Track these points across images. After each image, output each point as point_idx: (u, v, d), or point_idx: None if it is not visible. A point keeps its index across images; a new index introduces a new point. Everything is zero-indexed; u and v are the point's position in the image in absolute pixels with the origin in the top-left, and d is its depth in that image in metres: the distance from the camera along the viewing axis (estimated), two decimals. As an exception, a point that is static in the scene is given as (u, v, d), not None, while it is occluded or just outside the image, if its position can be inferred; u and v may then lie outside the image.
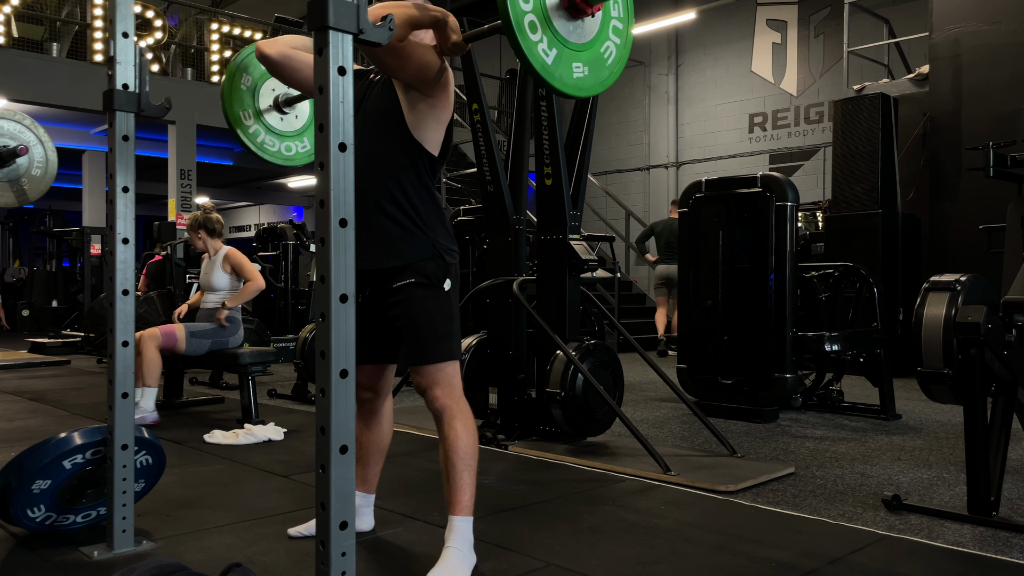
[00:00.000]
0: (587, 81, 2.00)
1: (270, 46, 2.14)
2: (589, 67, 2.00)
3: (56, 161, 4.80)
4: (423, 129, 2.21)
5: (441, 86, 2.17)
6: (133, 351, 2.34)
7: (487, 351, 4.29)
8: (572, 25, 1.94)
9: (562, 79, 1.93)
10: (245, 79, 3.06)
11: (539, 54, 1.86)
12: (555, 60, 1.90)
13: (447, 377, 2.22)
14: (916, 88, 7.95)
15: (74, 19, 10.10)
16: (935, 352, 2.73)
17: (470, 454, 2.17)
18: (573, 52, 1.95)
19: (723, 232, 4.90)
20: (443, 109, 2.22)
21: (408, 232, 2.22)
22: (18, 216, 17.41)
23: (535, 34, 1.84)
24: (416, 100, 2.18)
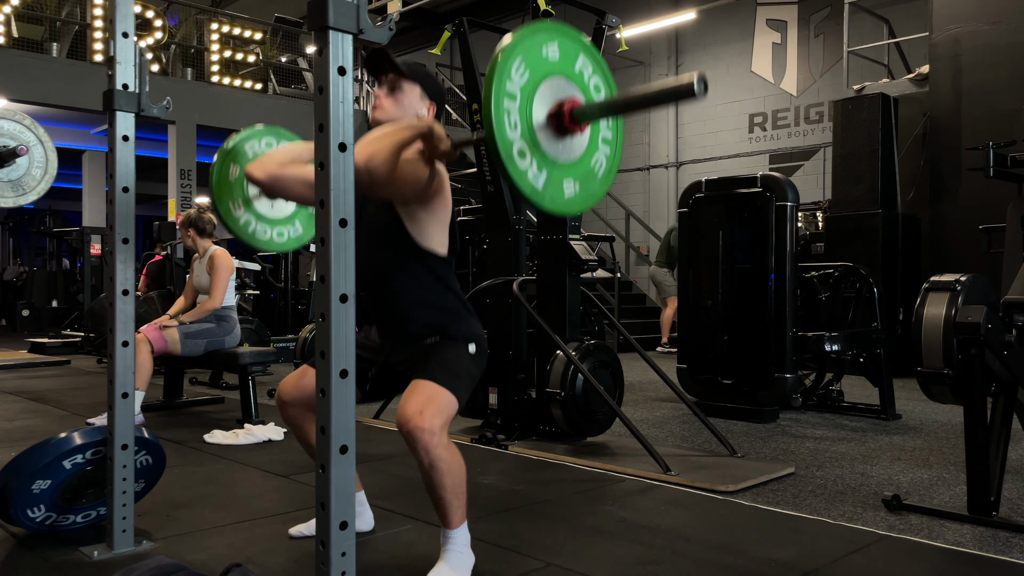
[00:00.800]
0: (578, 197, 1.96)
1: (258, 169, 2.09)
2: (580, 182, 1.96)
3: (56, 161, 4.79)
4: (427, 235, 2.18)
5: (436, 192, 2.14)
6: (133, 351, 2.34)
7: (487, 351, 4.28)
8: (560, 144, 1.90)
9: (553, 200, 1.89)
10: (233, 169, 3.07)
11: (529, 181, 1.82)
12: (545, 182, 1.86)
13: (442, 406, 2.03)
14: (916, 88, 7.95)
15: (74, 19, 10.10)
16: (935, 352, 2.73)
17: (457, 484, 2.06)
18: (563, 171, 1.91)
19: (723, 232, 4.90)
20: (443, 211, 2.19)
21: (432, 324, 2.20)
22: (18, 216, 17.41)
23: (524, 160, 1.80)
24: (415, 211, 2.15)
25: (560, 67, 1.90)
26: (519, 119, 1.79)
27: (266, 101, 11.25)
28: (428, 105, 2.24)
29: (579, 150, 1.95)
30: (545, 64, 1.87)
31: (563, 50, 1.91)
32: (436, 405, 2.01)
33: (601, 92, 2.00)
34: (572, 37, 1.94)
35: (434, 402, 2.02)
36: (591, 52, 1.98)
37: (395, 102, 2.21)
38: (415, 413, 1.97)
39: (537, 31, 1.87)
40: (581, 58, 1.95)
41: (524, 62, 1.81)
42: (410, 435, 1.97)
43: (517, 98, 1.79)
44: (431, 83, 2.27)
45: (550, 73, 1.87)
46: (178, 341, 4.56)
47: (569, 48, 1.93)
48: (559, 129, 1.88)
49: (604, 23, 4.19)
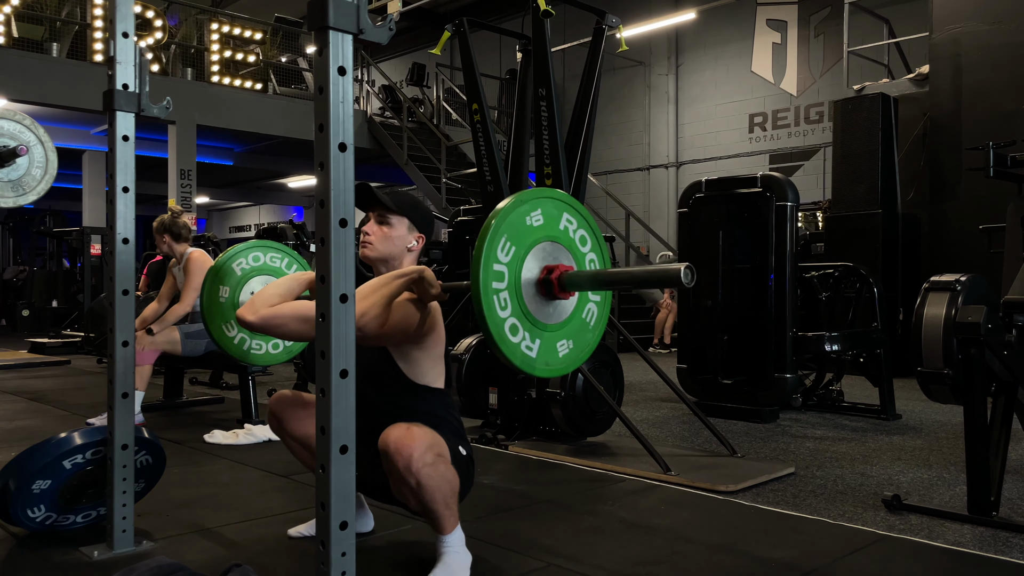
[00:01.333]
0: (573, 353, 1.97)
1: (250, 313, 2.07)
2: (574, 339, 1.96)
3: (56, 161, 4.79)
4: (423, 372, 2.17)
5: (428, 331, 2.13)
6: (133, 351, 2.34)
7: (487, 351, 4.29)
8: (551, 308, 1.91)
9: (548, 364, 1.90)
10: (222, 292, 3.06)
11: (522, 353, 1.83)
12: (539, 350, 1.87)
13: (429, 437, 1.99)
14: (916, 88, 7.95)
15: (74, 19, 10.10)
16: (935, 352, 2.73)
17: (449, 494, 2.03)
18: (555, 333, 1.92)
19: (723, 232, 4.90)
20: (435, 346, 2.18)
21: None
22: (18, 216, 17.41)
23: (516, 336, 1.81)
24: (408, 350, 2.14)
25: (545, 231, 1.91)
26: (509, 298, 1.81)
27: (266, 101, 11.25)
28: (417, 237, 2.24)
29: (570, 307, 1.96)
30: (530, 233, 1.88)
31: (546, 214, 1.93)
32: (421, 433, 1.97)
33: (588, 244, 2.02)
34: (554, 197, 1.96)
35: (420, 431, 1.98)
36: (573, 207, 2.00)
37: (384, 237, 2.21)
38: (397, 437, 1.96)
39: (519, 203, 1.88)
40: (564, 216, 1.97)
41: (509, 240, 1.83)
42: (395, 455, 1.94)
43: (505, 277, 1.81)
44: (419, 214, 2.26)
45: (536, 241, 1.89)
46: (178, 342, 4.54)
47: (551, 210, 1.94)
48: (549, 296, 1.89)
49: (604, 23, 4.20)
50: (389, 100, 12.86)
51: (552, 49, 4.12)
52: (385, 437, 1.98)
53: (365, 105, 12.79)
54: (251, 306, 2.09)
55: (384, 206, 2.19)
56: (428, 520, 2.09)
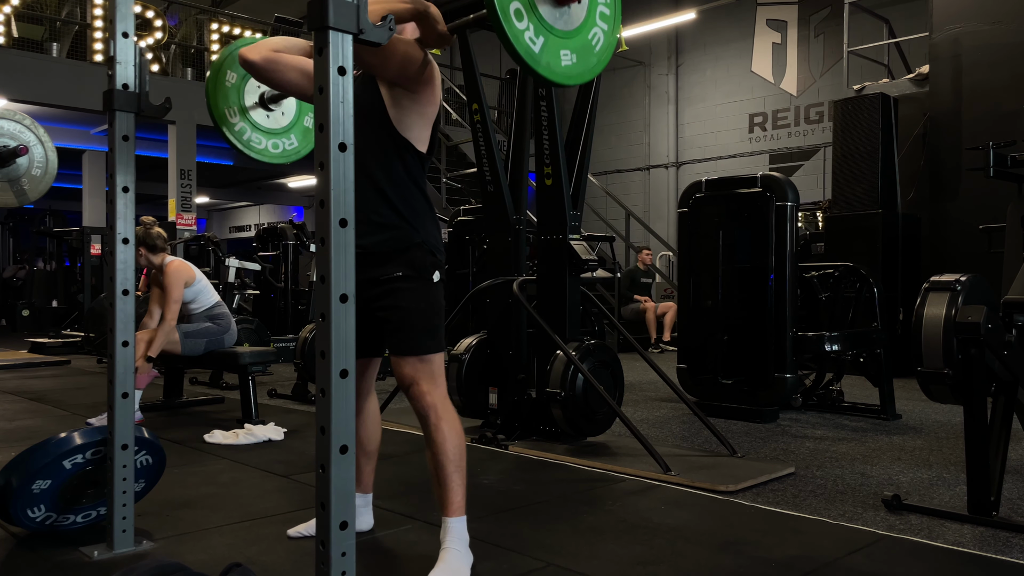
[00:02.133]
0: (575, 69, 1.96)
1: (253, 51, 2.09)
2: (577, 54, 1.96)
3: (56, 161, 4.79)
4: (408, 125, 2.17)
5: (425, 81, 2.13)
6: (133, 351, 2.34)
7: (487, 351, 4.29)
8: (558, 12, 1.91)
9: (550, 67, 1.90)
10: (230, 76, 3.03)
11: (526, 42, 1.82)
12: (542, 48, 1.87)
13: (433, 371, 2.18)
14: (916, 88, 7.95)
15: (74, 19, 10.10)
16: (935, 352, 2.73)
17: (459, 455, 2.15)
18: (560, 39, 1.91)
19: (723, 232, 4.90)
20: (428, 104, 2.18)
21: (395, 225, 2.19)
22: (18, 216, 17.42)
23: (521, 22, 1.81)
24: (399, 96, 2.14)
25: None
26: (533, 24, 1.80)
27: (266, 101, 11.23)
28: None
29: (577, 21, 1.95)
30: None
31: None
32: (431, 374, 2.17)
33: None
34: None
35: (428, 371, 2.16)
36: None
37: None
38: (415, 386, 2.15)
39: None
40: None
41: None
42: (425, 412, 2.15)
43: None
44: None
45: None
46: (178, 342, 4.54)
47: None
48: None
49: (604, 23, 4.19)
50: (389, 100, 12.85)
51: (552, 49, 4.11)
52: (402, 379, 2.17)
53: (365, 105, 12.77)
54: (256, 47, 2.11)
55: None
56: (437, 486, 2.14)
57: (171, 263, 4.58)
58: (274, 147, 3.35)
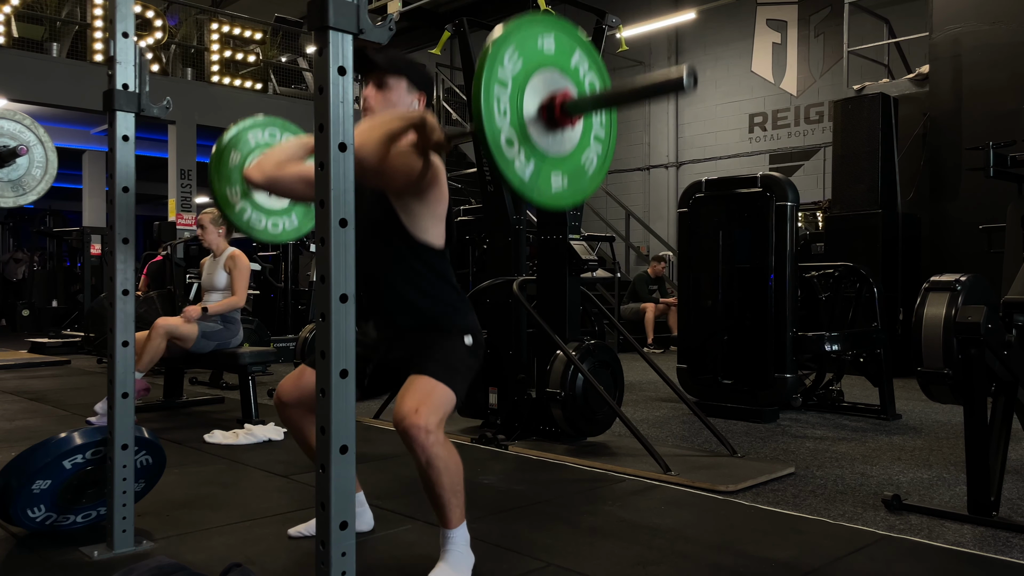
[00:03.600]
0: (566, 192, 1.92)
1: (256, 172, 2.10)
2: (569, 177, 1.92)
3: (56, 161, 4.78)
4: (422, 228, 2.18)
5: (430, 184, 2.13)
6: (133, 351, 2.34)
7: (487, 351, 4.28)
8: (551, 137, 1.86)
9: (540, 192, 1.85)
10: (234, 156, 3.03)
11: (516, 171, 1.78)
12: (532, 174, 1.82)
13: (439, 403, 2.03)
14: (916, 88, 7.95)
15: (74, 19, 10.10)
16: (935, 352, 2.73)
17: (455, 482, 2.05)
18: (552, 164, 1.87)
19: (723, 232, 4.90)
20: (438, 203, 2.18)
21: (429, 321, 2.20)
22: (18, 216, 17.41)
23: (511, 149, 1.76)
24: (409, 203, 2.15)
25: (555, 60, 1.87)
26: (509, 107, 1.76)
27: (266, 101, 11.25)
28: (417, 96, 2.23)
29: (570, 145, 1.92)
30: (539, 55, 1.83)
31: (559, 44, 1.88)
32: (432, 402, 2.01)
33: (597, 89, 1.97)
34: (569, 32, 1.92)
35: (430, 399, 2.01)
36: (588, 49, 1.96)
37: (384, 99, 2.20)
38: (411, 411, 1.97)
39: (534, 22, 1.84)
40: (577, 53, 1.92)
41: (518, 51, 1.77)
42: (406, 433, 1.97)
43: (508, 86, 1.76)
44: (416, 73, 2.24)
45: (544, 65, 1.84)
46: (192, 338, 4.57)
47: (566, 42, 1.90)
48: (550, 122, 1.85)
49: (604, 23, 4.19)
50: (389, 100, 12.85)
51: (552, 49, 4.11)
52: (399, 409, 2.00)
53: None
54: (258, 166, 2.12)
55: (381, 68, 2.17)
56: (434, 507, 2.09)
57: (238, 251, 4.90)
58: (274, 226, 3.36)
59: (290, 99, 11.57)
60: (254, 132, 3.37)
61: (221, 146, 2.97)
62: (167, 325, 4.55)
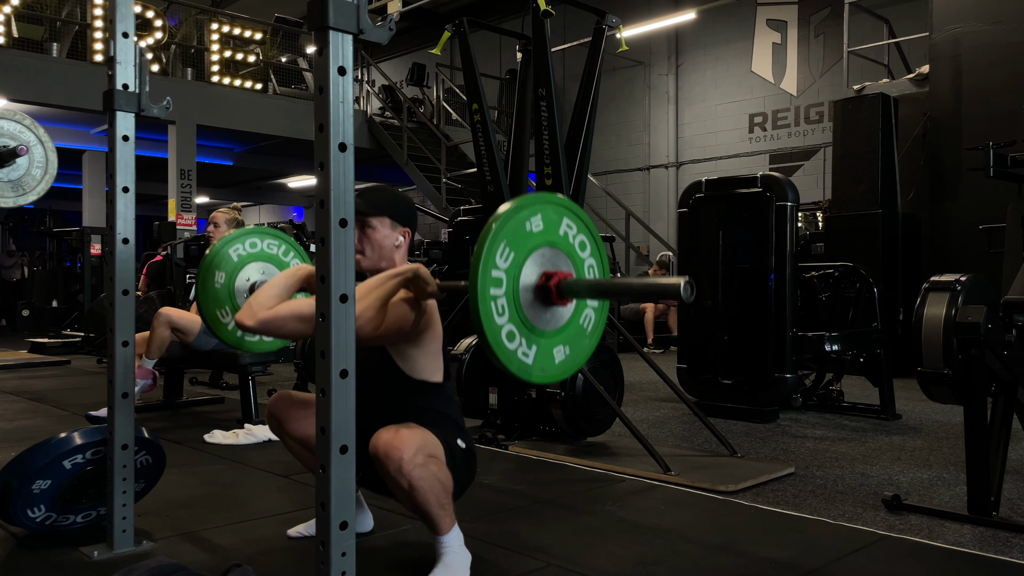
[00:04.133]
0: (568, 360, 1.94)
1: (248, 317, 2.06)
2: (570, 344, 1.94)
3: (56, 161, 4.78)
4: (420, 368, 2.18)
5: (423, 328, 2.13)
6: (133, 351, 2.34)
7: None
8: (548, 313, 1.88)
9: (543, 370, 1.88)
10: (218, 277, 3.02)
11: (519, 360, 1.80)
12: (536, 356, 1.85)
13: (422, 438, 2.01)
14: (916, 88, 7.95)
15: (74, 19, 10.10)
16: (935, 352, 2.73)
17: (441, 495, 2.03)
18: (552, 339, 1.89)
19: (723, 232, 4.90)
20: (433, 342, 2.17)
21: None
22: (18, 216, 17.41)
23: (513, 342, 1.79)
24: (404, 348, 2.15)
25: (544, 237, 1.88)
26: (506, 304, 1.78)
27: (266, 101, 11.25)
28: (402, 232, 2.23)
29: (568, 314, 1.94)
30: (529, 239, 1.85)
31: (546, 219, 1.89)
32: (409, 435, 1.98)
33: (587, 249, 1.98)
34: (554, 202, 1.93)
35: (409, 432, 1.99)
36: (573, 211, 1.97)
37: (368, 242, 2.19)
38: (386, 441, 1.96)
39: (518, 209, 1.84)
40: (564, 221, 1.94)
41: (508, 245, 1.80)
42: (385, 459, 1.95)
43: (503, 283, 1.78)
44: (399, 209, 2.24)
45: (535, 247, 1.86)
46: (195, 332, 4.57)
47: (551, 214, 1.91)
48: (546, 302, 1.87)
49: (604, 23, 4.19)
50: (389, 100, 12.86)
51: (552, 49, 4.12)
52: (375, 442, 1.98)
53: (365, 105, 12.78)
54: (248, 310, 2.08)
55: (362, 212, 2.15)
56: (424, 522, 2.09)
57: None
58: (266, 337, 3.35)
59: (290, 99, 11.57)
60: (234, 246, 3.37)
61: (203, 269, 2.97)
62: (170, 315, 4.54)
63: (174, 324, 4.52)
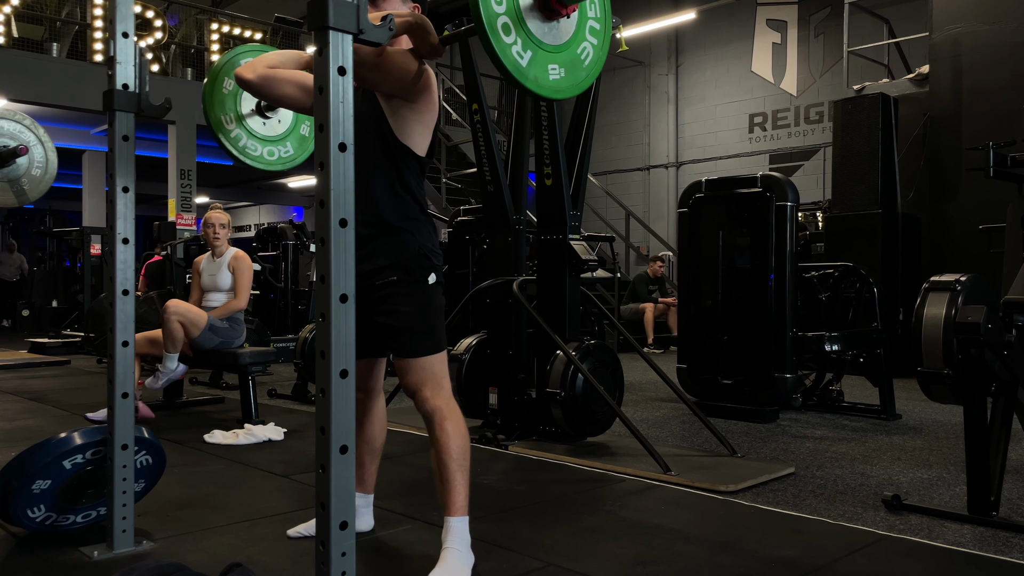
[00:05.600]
0: (563, 83, 1.94)
1: (248, 70, 2.09)
2: (565, 68, 1.94)
3: (56, 161, 4.79)
4: (408, 133, 2.20)
5: (422, 90, 2.16)
6: (133, 351, 2.34)
7: (487, 351, 4.29)
8: (547, 26, 1.89)
9: (537, 81, 1.88)
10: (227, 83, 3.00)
11: (513, 56, 1.80)
12: (530, 62, 1.85)
13: (435, 374, 2.20)
14: (916, 88, 7.95)
15: (74, 19, 10.10)
16: (935, 352, 2.73)
17: (462, 454, 2.16)
18: (548, 54, 1.89)
19: (723, 232, 4.90)
20: (427, 112, 2.21)
21: (390, 234, 2.21)
22: (18, 216, 17.40)
23: (509, 36, 1.79)
24: (399, 106, 2.18)
25: None
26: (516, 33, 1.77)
27: (266, 101, 11.23)
28: (411, 6, 2.24)
29: (566, 35, 1.93)
30: None
31: None
32: (434, 378, 2.19)
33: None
34: None
35: (431, 375, 2.19)
36: None
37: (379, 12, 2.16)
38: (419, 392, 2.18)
39: None
40: None
41: None
42: (430, 413, 2.17)
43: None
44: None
45: None
46: (201, 326, 4.57)
47: None
48: (546, 10, 1.86)
49: (604, 23, 4.19)
50: (389, 100, 12.84)
51: (552, 49, 4.11)
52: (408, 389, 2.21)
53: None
54: (251, 65, 2.11)
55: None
56: (440, 486, 2.15)
57: (242, 253, 4.92)
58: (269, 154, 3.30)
59: (290, 99, 11.54)
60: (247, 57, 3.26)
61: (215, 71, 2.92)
62: (178, 306, 4.55)
63: (182, 317, 4.53)
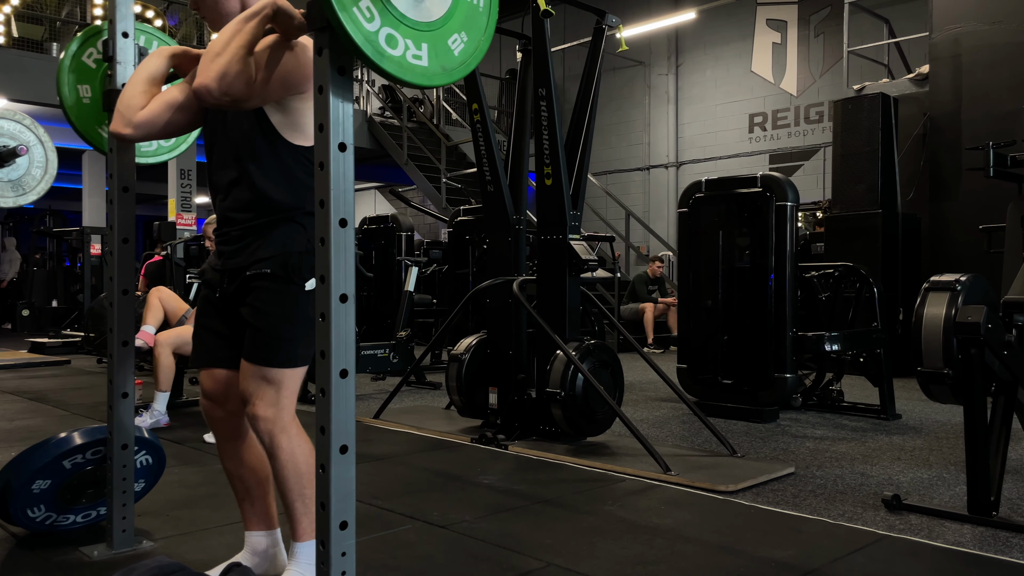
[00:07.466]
0: (470, 45, 1.65)
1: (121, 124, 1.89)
2: (466, 29, 1.65)
3: (56, 161, 4.78)
4: (301, 125, 1.93)
5: (308, 74, 1.84)
6: (133, 351, 2.34)
7: (487, 351, 4.29)
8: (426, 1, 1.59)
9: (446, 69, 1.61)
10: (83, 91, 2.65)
11: (412, 64, 1.56)
12: (430, 55, 1.59)
13: (279, 389, 1.89)
14: (916, 88, 7.95)
15: (74, 19, 10.10)
16: (935, 352, 2.73)
17: (298, 477, 1.90)
18: (442, 29, 1.60)
19: (723, 232, 4.90)
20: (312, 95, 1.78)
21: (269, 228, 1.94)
22: (18, 216, 17.40)
23: (397, 48, 1.53)
24: (288, 101, 1.91)
25: None
26: (371, 5, 1.49)
27: (266, 101, 11.24)
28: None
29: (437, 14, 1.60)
30: None
31: None
32: (273, 392, 1.88)
33: None
34: None
35: (272, 388, 1.88)
36: None
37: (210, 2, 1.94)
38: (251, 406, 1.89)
39: None
40: None
41: None
42: (261, 435, 1.91)
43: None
44: None
45: None
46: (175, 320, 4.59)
47: None
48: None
49: (604, 23, 4.19)
50: (389, 100, 12.86)
51: (552, 49, 4.12)
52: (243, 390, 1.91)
53: (365, 105, 12.78)
54: (120, 118, 1.91)
55: None
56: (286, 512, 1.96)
57: None
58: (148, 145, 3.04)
59: (290, 99, 11.54)
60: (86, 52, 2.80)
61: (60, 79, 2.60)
62: (168, 339, 4.54)
63: (175, 345, 4.53)
